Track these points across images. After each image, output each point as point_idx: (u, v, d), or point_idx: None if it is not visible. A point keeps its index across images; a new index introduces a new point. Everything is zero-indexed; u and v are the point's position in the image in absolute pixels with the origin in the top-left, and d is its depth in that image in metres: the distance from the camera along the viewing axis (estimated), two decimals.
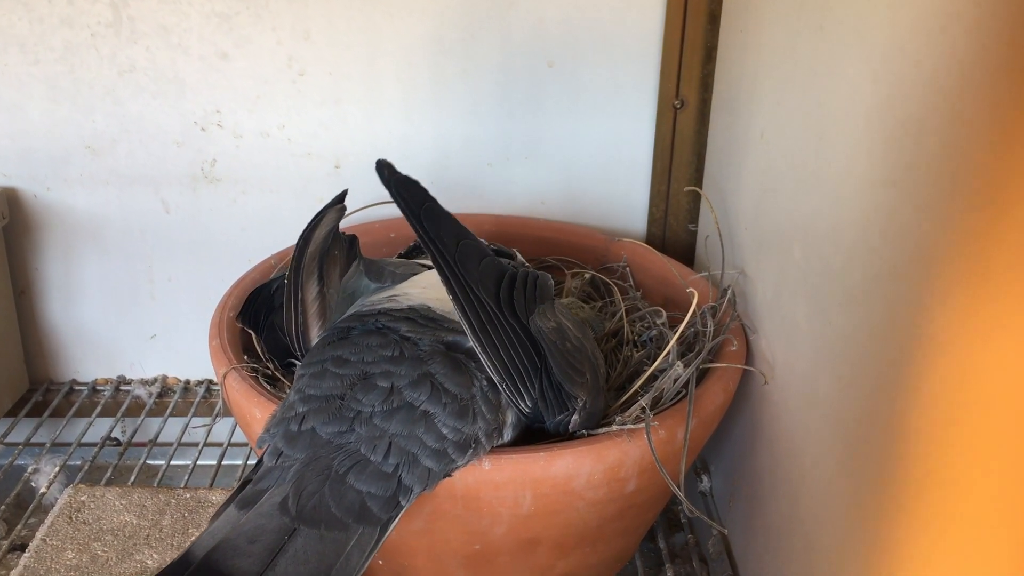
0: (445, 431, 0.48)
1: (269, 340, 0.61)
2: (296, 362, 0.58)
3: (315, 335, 0.57)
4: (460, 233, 0.49)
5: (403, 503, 0.46)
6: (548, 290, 0.54)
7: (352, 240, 0.61)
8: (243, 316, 0.63)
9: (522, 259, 0.74)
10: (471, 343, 0.50)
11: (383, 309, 0.55)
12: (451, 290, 0.49)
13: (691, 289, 0.64)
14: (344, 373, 0.50)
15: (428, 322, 0.54)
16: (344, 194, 0.57)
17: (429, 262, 0.64)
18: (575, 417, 0.51)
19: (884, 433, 0.42)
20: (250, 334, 0.64)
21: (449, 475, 0.49)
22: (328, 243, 0.57)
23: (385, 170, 0.49)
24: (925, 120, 0.38)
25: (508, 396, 0.51)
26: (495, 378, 0.50)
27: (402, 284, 0.59)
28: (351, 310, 0.58)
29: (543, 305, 0.52)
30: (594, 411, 0.53)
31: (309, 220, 0.56)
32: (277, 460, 0.47)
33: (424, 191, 0.49)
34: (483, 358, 0.50)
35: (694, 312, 0.60)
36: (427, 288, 0.58)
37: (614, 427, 0.53)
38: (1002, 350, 0.32)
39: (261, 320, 0.62)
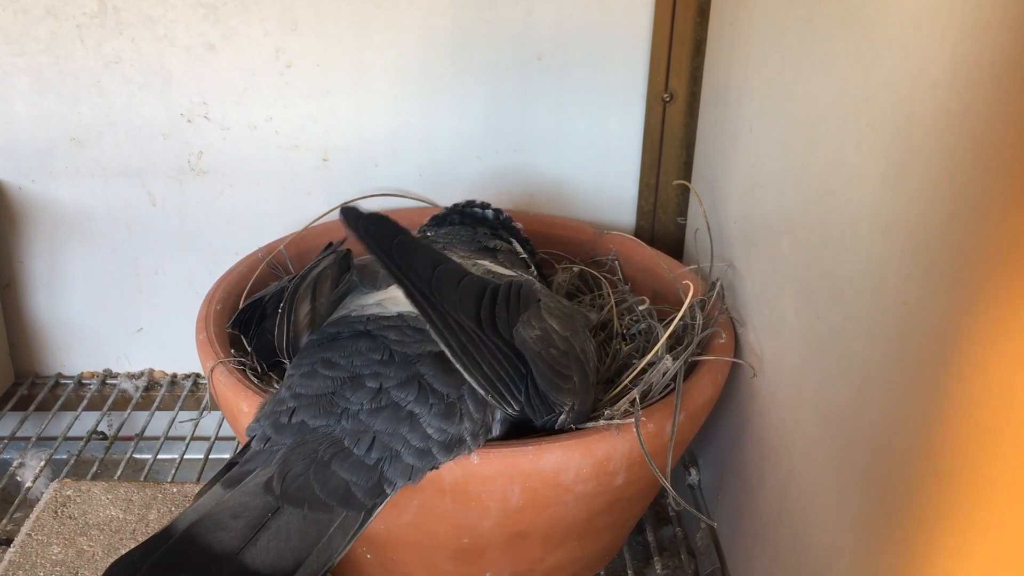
0: (430, 431, 0.48)
1: (259, 344, 0.61)
2: (283, 361, 0.58)
3: (304, 341, 0.57)
4: (436, 260, 0.49)
5: (388, 491, 0.47)
6: (532, 295, 0.53)
7: (346, 254, 0.60)
8: (235, 323, 0.63)
9: (520, 231, 0.73)
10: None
11: (371, 315, 0.55)
12: (428, 319, 0.49)
13: (687, 281, 0.64)
14: (334, 375, 0.51)
15: (415, 332, 0.53)
16: (341, 243, 0.59)
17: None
18: (563, 417, 0.52)
19: (872, 427, 0.42)
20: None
21: (436, 468, 0.49)
22: (323, 273, 0.58)
23: (350, 215, 0.48)
24: (915, 113, 0.38)
25: (495, 403, 0.51)
26: (479, 391, 0.50)
27: (392, 287, 0.59)
28: (340, 312, 0.57)
29: (527, 312, 0.52)
30: (583, 410, 0.53)
31: (311, 264, 0.59)
32: (265, 444, 0.48)
33: (394, 227, 0.49)
34: (466, 375, 0.50)
35: (684, 307, 0.60)
36: None
37: (602, 421, 0.53)
38: (997, 344, 0.32)
39: (252, 327, 0.61)
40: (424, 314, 0.48)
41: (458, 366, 0.50)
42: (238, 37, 0.81)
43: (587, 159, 0.86)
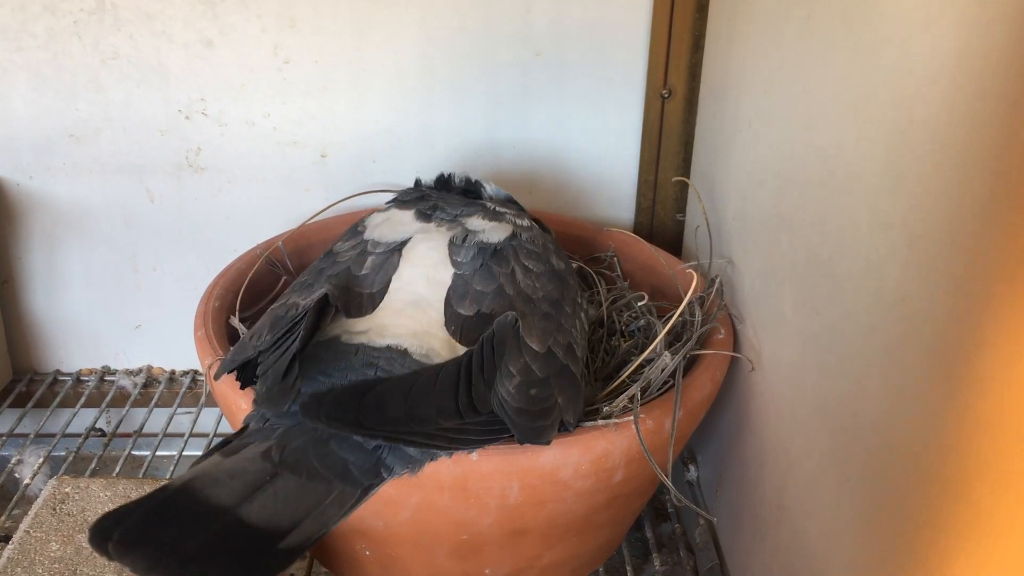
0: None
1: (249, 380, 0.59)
2: None
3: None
4: (406, 392, 0.48)
5: (385, 476, 0.47)
6: (506, 334, 0.52)
7: (323, 298, 0.56)
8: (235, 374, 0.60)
9: (491, 190, 0.70)
10: None
11: (360, 345, 0.53)
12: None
13: (689, 271, 0.64)
14: (331, 382, 0.50)
15: (403, 359, 0.52)
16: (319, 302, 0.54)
17: (405, 235, 0.61)
18: (544, 439, 0.51)
19: (871, 423, 0.42)
20: (235, 327, 0.64)
21: (435, 459, 0.49)
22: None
23: (313, 404, 0.47)
24: (913, 109, 0.38)
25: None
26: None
27: (379, 311, 0.56)
28: (329, 331, 0.55)
29: (503, 360, 0.50)
30: (573, 419, 0.53)
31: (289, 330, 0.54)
32: (264, 424, 0.48)
33: (354, 396, 0.48)
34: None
35: (685, 301, 0.60)
36: (403, 311, 0.56)
37: (600, 419, 0.53)
38: (997, 340, 0.32)
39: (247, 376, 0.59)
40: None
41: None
42: (236, 33, 0.80)
43: (586, 156, 0.86)
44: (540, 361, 0.52)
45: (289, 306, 0.56)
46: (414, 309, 0.54)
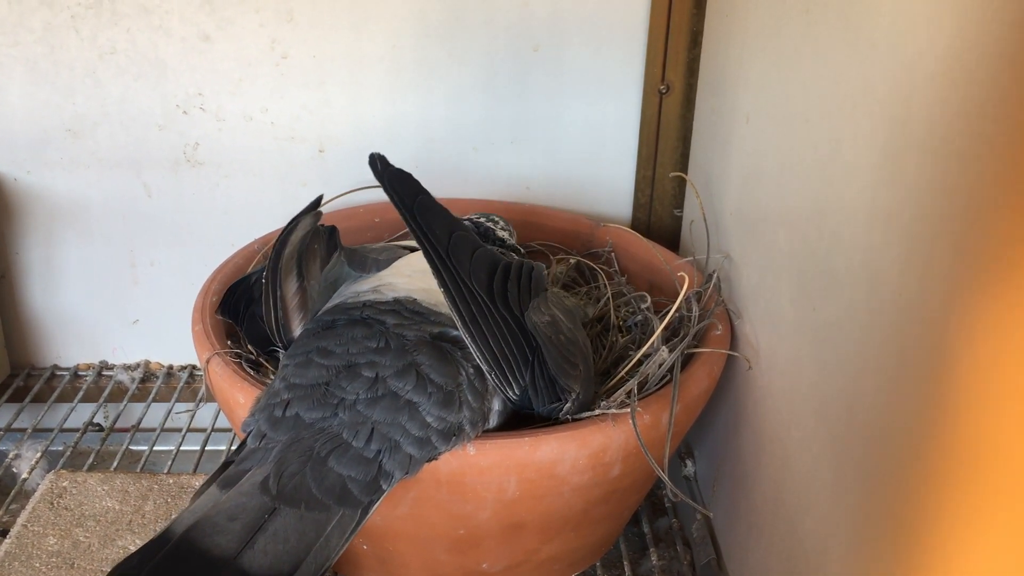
0: (430, 419, 0.48)
1: (250, 330, 0.61)
2: (278, 350, 0.58)
3: (296, 326, 0.56)
4: (453, 225, 0.49)
5: (384, 487, 0.46)
6: (541, 282, 0.53)
7: (331, 231, 0.60)
8: (223, 309, 0.62)
9: (507, 234, 0.73)
10: (461, 334, 0.50)
11: (368, 301, 0.55)
12: (442, 282, 0.48)
13: (682, 273, 0.64)
14: (329, 364, 0.50)
15: (414, 315, 0.53)
16: (319, 200, 0.58)
17: (414, 244, 0.64)
18: (567, 406, 0.52)
19: (867, 418, 0.42)
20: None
21: (434, 459, 0.49)
22: (306, 243, 0.57)
23: (378, 163, 0.48)
24: (910, 104, 0.38)
25: (496, 384, 0.51)
26: (484, 367, 0.50)
27: (386, 272, 0.59)
28: (335, 300, 0.57)
29: (537, 299, 0.52)
30: (585, 400, 0.53)
31: (287, 223, 0.56)
32: (260, 442, 0.48)
33: (417, 184, 0.49)
34: (472, 348, 0.50)
35: (681, 297, 0.60)
36: (412, 276, 0.58)
37: (598, 412, 0.53)
38: (994, 336, 0.32)
39: (241, 311, 0.61)
40: (439, 276, 0.48)
41: (466, 338, 0.49)
42: (233, 27, 0.80)
43: (583, 151, 0.86)
44: (566, 326, 0.53)
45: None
46: (423, 276, 0.55)
